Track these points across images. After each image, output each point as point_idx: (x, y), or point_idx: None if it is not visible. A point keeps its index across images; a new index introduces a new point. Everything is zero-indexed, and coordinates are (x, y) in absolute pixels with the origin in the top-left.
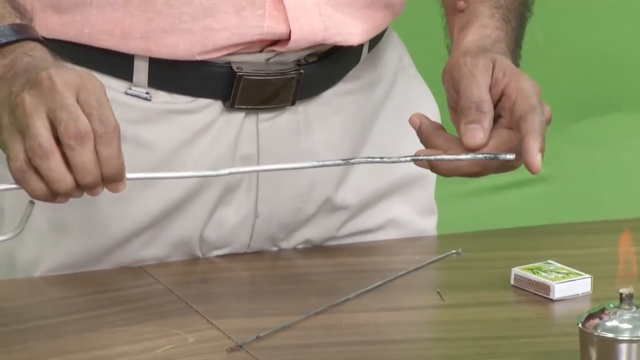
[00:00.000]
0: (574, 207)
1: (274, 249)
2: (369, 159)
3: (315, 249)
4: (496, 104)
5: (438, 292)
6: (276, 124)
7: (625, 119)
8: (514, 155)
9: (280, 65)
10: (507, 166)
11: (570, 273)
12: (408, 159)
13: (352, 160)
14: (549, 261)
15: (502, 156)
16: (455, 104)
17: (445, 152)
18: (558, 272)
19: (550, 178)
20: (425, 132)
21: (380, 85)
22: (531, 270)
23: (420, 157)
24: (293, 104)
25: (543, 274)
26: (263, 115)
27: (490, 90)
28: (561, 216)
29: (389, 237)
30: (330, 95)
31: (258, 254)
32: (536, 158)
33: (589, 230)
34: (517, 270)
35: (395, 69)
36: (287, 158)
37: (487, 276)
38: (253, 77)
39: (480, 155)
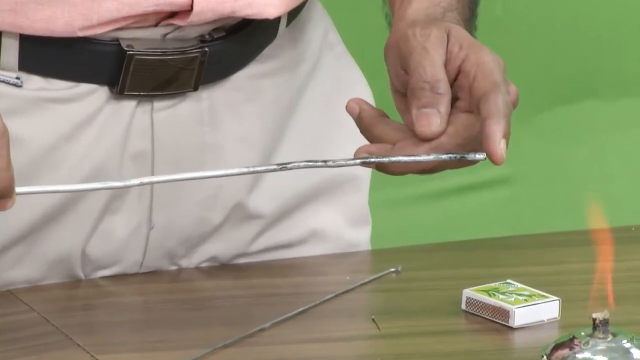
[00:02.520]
0: (540, 215)
1: (173, 267)
2: (309, 163)
3: (223, 268)
4: (452, 83)
5: (373, 320)
6: (175, 114)
7: (602, 107)
8: (485, 155)
9: (180, 42)
10: (468, 160)
11: (534, 295)
12: (358, 161)
13: (288, 165)
14: (508, 281)
15: (470, 156)
16: (402, 86)
17: (395, 145)
18: (519, 294)
19: (511, 179)
20: (367, 121)
21: (301, 66)
22: (486, 291)
23: (373, 160)
24: (195, 89)
25: (501, 296)
26: (159, 104)
27: (445, 67)
28: (524, 226)
29: (313, 252)
30: (241, 78)
31: (153, 274)
32: (499, 146)
33: (558, 243)
34: (469, 292)
35: (320, 47)
36: (189, 156)
37: (432, 299)
38: (146, 57)
39: (444, 156)
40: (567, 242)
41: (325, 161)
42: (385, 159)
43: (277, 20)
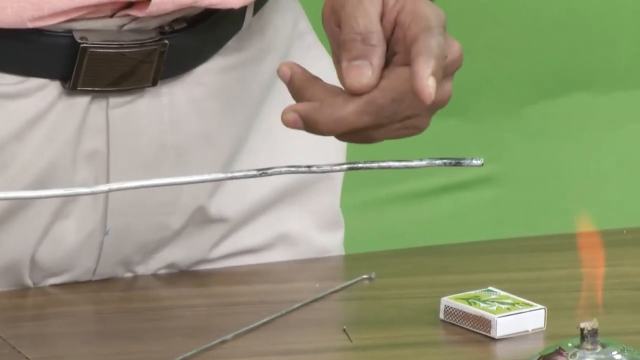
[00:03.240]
0: (525, 218)
1: (129, 275)
2: (292, 169)
3: (183, 275)
4: (389, 38)
5: (344, 330)
6: (132, 112)
7: (594, 100)
8: (482, 160)
9: (138, 33)
10: (411, 126)
11: (518, 303)
12: (344, 167)
13: (269, 171)
14: (490, 288)
15: (466, 161)
16: (339, 47)
17: (322, 104)
18: (501, 303)
19: (494, 179)
20: (298, 84)
21: (269, 58)
22: (466, 300)
23: (361, 165)
24: (154, 84)
25: (482, 304)
26: (115, 100)
27: (381, 21)
28: (507, 229)
29: (280, 258)
30: (204, 72)
31: (107, 282)
32: (426, 82)
33: (544, 248)
34: (447, 300)
35: (290, 37)
36: (147, 156)
37: (408, 308)
38: (102, 50)
39: (438, 162)
40: (553, 246)
41: (309, 166)
42: (374, 164)
43: (243, 9)
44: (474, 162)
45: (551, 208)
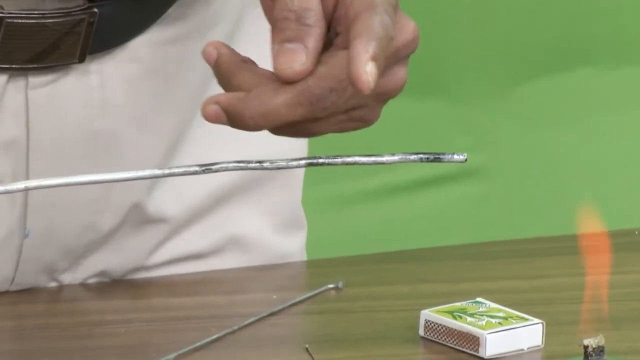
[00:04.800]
0: (518, 217)
1: (53, 284)
2: (241, 164)
3: (116, 285)
4: (331, 17)
5: (307, 350)
6: (55, 93)
7: (597, 77)
8: (465, 155)
9: (62, 1)
10: (357, 118)
11: (511, 317)
12: (302, 162)
13: (214, 167)
14: (478, 299)
15: (446, 157)
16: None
17: (249, 94)
18: (492, 316)
19: (481, 172)
20: (224, 67)
21: (217, 30)
22: (450, 313)
23: (322, 160)
24: (82, 61)
25: (469, 319)
26: (35, 79)
27: None
28: (497, 231)
29: (231, 265)
30: (140, 46)
31: (27, 293)
32: (364, 68)
33: (540, 252)
34: (428, 313)
35: (240, 5)
36: (73, 145)
37: (382, 323)
38: (20, 21)
39: (413, 157)
40: (551, 250)
41: (260, 162)
42: (338, 160)
43: None
44: (456, 157)
45: (548, 205)
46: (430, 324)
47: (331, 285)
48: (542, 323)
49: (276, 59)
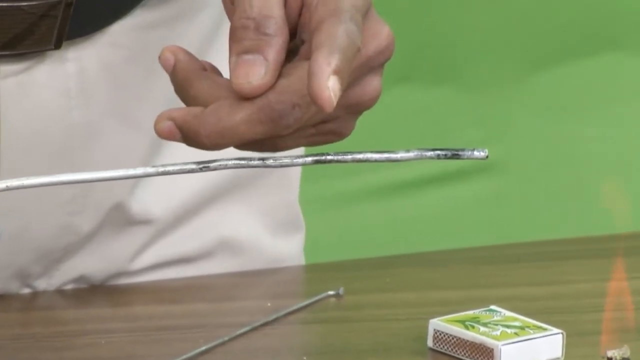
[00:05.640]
0: (536, 216)
1: (26, 291)
2: (242, 162)
3: (96, 291)
4: (295, 23)
5: None
6: (29, 82)
7: (624, 63)
8: (487, 152)
9: None
10: (328, 131)
11: (528, 326)
12: (309, 159)
13: (212, 165)
14: (492, 307)
15: (466, 153)
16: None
17: (205, 110)
18: (507, 326)
19: (496, 167)
20: (182, 75)
21: (205, 13)
22: (462, 322)
23: (330, 157)
24: (58, 47)
25: (482, 328)
26: (7, 68)
27: (285, 1)
28: (513, 232)
29: (222, 269)
30: (121, 31)
31: None
32: (324, 83)
33: (560, 255)
34: (437, 323)
35: None
36: (49, 139)
37: (387, 334)
38: None
39: (429, 153)
40: (573, 253)
41: (263, 159)
42: (348, 156)
43: None
44: (476, 153)
45: (570, 204)
46: (440, 334)
47: (331, 292)
48: (562, 333)
49: (233, 73)
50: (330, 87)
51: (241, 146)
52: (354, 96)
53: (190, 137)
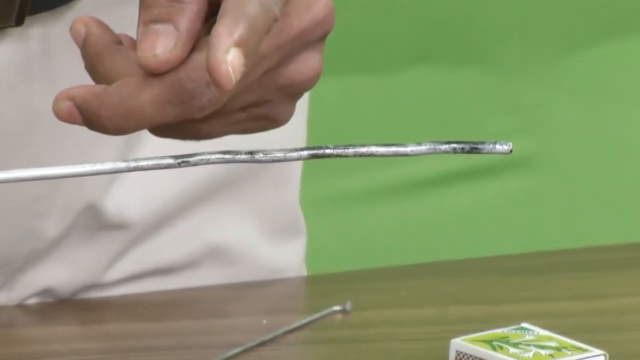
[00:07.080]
0: (576, 219)
1: None
2: (226, 156)
3: (64, 307)
4: None
5: None
6: None
7: None
8: (510, 145)
9: None
10: (261, 116)
11: (565, 347)
12: (304, 153)
13: (192, 159)
14: (524, 325)
15: (486, 146)
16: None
17: (108, 88)
18: (541, 347)
19: (527, 162)
20: (94, 50)
21: None
22: (488, 342)
23: (329, 151)
24: (20, 23)
25: (512, 349)
26: None
27: None
28: (547, 238)
29: (210, 281)
30: (90, 5)
31: None
32: (223, 57)
33: (603, 264)
34: (460, 343)
35: None
36: (10, 127)
37: (401, 355)
38: None
39: (444, 147)
40: (617, 262)
41: (251, 152)
42: (350, 150)
43: None
44: (498, 147)
45: (614, 205)
46: (463, 356)
47: (337, 307)
48: (604, 355)
49: (139, 45)
50: (229, 61)
51: (154, 131)
52: (287, 75)
53: (91, 120)
